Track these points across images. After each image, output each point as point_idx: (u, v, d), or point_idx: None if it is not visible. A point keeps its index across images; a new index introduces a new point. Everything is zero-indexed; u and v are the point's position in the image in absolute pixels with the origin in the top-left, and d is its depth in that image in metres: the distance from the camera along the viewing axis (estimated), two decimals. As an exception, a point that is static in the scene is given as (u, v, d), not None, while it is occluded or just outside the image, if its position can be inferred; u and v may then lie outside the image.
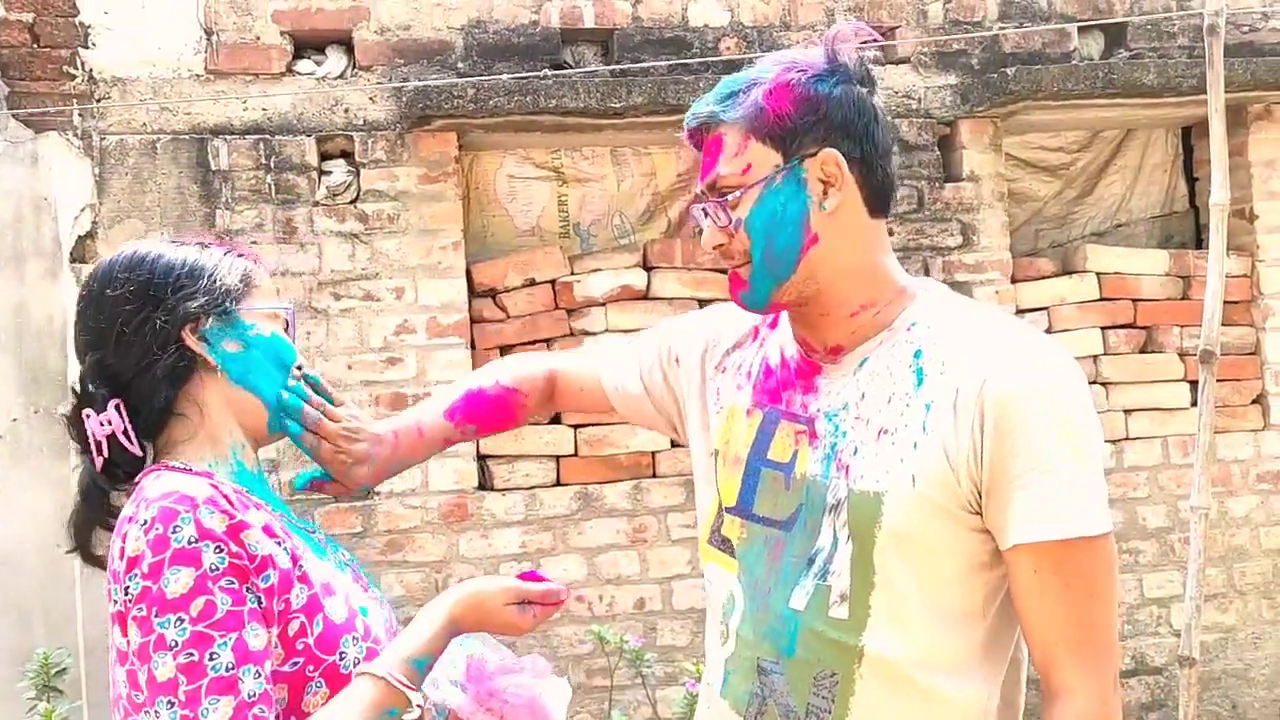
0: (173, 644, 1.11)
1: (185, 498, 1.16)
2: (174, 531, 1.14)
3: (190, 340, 1.27)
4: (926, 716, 1.28)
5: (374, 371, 3.63)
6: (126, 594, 1.13)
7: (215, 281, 1.29)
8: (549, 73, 3.65)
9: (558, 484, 3.75)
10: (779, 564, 1.33)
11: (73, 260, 3.49)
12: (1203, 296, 2.45)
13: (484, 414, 1.59)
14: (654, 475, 3.81)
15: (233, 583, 1.15)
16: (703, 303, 3.90)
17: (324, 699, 1.19)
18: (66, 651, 3.10)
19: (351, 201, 3.65)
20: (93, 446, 1.27)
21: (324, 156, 3.67)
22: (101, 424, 1.25)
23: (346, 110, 3.67)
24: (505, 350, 3.79)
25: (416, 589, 3.61)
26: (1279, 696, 4.10)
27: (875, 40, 1.36)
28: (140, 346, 1.26)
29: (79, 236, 3.50)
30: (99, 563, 1.25)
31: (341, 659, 1.21)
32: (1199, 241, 4.33)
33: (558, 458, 3.77)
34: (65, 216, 3.50)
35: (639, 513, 3.77)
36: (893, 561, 1.26)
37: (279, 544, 1.22)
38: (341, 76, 3.70)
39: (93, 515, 1.28)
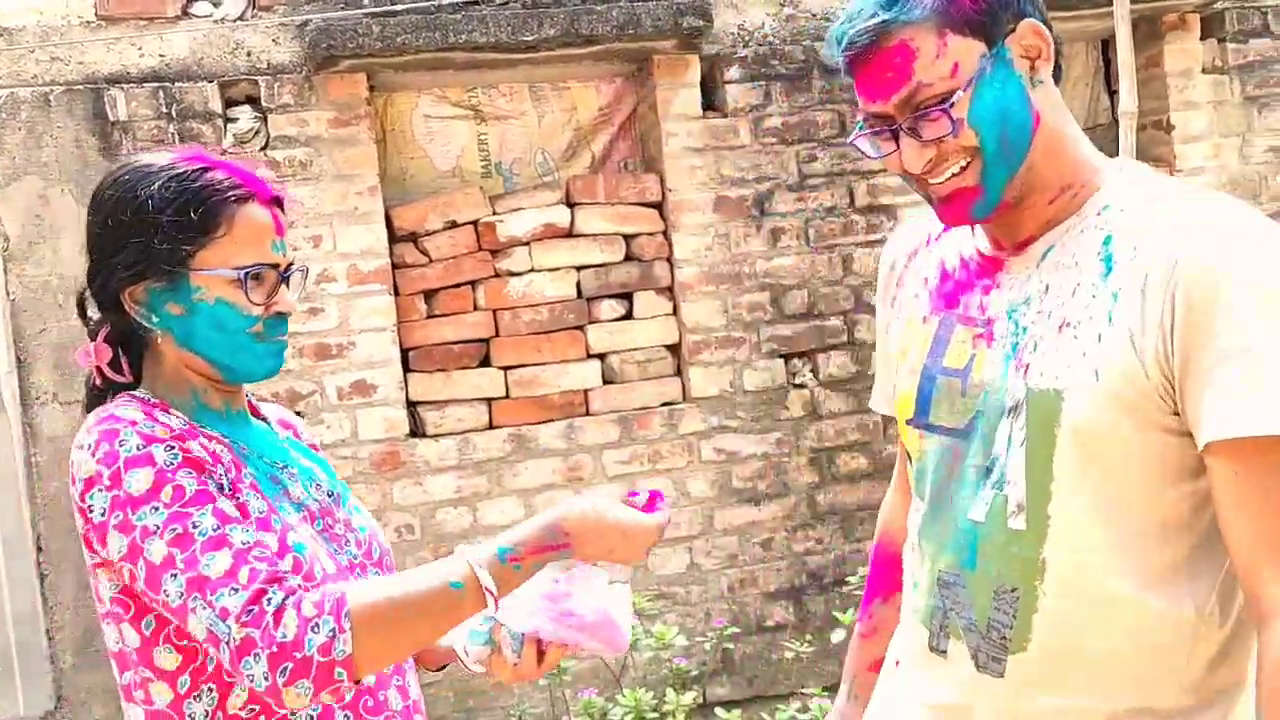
0: (156, 528, 1.15)
1: (118, 418, 1.20)
2: (120, 445, 1.18)
3: (128, 304, 1.27)
4: (1117, 631, 1.18)
5: (296, 322, 3.51)
6: (96, 512, 1.17)
7: (162, 240, 1.24)
8: (456, 2, 3.55)
9: (490, 427, 3.72)
10: (958, 474, 1.26)
11: (-30, 222, 3.36)
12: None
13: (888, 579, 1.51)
14: (587, 413, 3.79)
15: (190, 472, 1.19)
16: (628, 238, 3.86)
17: None
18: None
19: (261, 149, 3.54)
20: (91, 371, 1.31)
21: (228, 103, 3.55)
22: (87, 355, 1.30)
23: (249, 54, 3.55)
24: (429, 295, 3.73)
25: (352, 540, 3.57)
26: None
27: None
28: (102, 293, 1.29)
29: (-25, 197, 3.37)
30: None
31: None
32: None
33: (489, 400, 3.73)
34: (-43, 176, 3.36)
35: (573, 451, 3.75)
36: (1074, 467, 1.16)
37: (222, 471, 1.24)
38: (241, 18, 3.56)
39: None
